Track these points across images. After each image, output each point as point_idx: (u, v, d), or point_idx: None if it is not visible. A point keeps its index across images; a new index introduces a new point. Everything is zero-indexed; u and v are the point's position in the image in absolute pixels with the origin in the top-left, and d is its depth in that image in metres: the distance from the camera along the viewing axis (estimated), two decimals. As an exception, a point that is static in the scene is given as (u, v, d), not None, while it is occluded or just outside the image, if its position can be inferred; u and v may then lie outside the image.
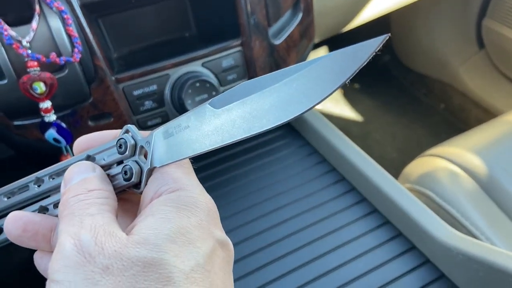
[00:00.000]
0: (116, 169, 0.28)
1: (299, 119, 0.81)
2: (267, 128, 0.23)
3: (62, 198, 0.26)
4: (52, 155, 0.61)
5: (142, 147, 0.27)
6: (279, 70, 0.23)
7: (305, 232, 0.66)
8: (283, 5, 0.68)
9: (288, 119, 0.22)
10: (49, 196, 0.31)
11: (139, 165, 0.27)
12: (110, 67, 0.59)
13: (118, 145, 0.28)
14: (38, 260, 0.29)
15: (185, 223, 0.23)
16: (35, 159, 0.71)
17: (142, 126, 0.64)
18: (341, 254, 0.62)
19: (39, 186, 0.31)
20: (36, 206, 0.31)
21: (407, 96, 1.57)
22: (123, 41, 0.68)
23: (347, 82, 0.21)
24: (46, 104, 0.52)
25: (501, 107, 1.33)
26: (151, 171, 0.27)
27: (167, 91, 0.63)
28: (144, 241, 0.22)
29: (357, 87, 1.60)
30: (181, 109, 0.62)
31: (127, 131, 0.28)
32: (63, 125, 0.55)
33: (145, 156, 0.27)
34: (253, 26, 0.65)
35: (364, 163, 0.70)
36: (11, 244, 0.30)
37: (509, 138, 0.77)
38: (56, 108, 0.54)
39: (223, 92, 0.29)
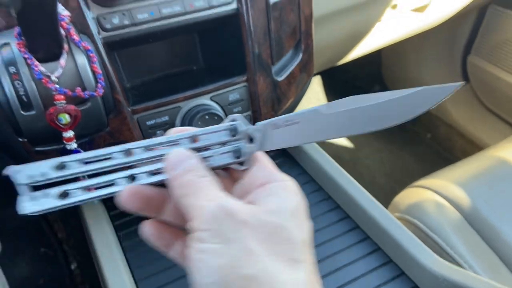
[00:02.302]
0: (215, 150, 0.33)
1: (297, 148, 0.86)
2: (356, 133, 0.31)
3: (181, 179, 0.30)
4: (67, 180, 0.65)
5: (248, 134, 0.33)
6: (377, 94, 0.31)
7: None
8: (286, 45, 0.73)
9: (381, 128, 0.30)
10: (129, 167, 0.34)
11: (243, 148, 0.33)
12: (126, 99, 0.63)
13: (231, 129, 0.33)
14: (147, 227, 0.34)
15: (301, 205, 0.29)
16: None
17: (153, 154, 0.68)
18: (335, 279, 0.67)
19: (127, 156, 0.34)
20: (127, 173, 0.34)
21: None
22: (136, 73, 0.73)
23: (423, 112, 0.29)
24: (69, 133, 0.57)
25: (485, 139, 1.40)
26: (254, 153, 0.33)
27: (177, 122, 0.68)
28: (273, 212, 0.28)
29: (348, 114, 1.66)
30: (190, 139, 0.67)
31: (234, 120, 0.33)
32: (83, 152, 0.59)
33: (250, 141, 0.33)
34: (258, 64, 0.70)
35: (358, 192, 0.75)
36: (11, 259, 0.34)
37: (491, 173, 0.83)
38: (76, 136, 0.59)
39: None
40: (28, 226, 1.13)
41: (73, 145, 0.58)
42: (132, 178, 0.34)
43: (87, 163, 0.34)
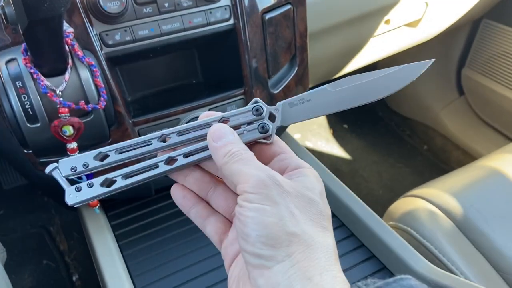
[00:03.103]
0: (244, 128, 0.37)
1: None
2: (357, 105, 0.38)
3: (225, 148, 0.34)
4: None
5: (270, 112, 0.38)
6: (373, 71, 0.38)
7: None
8: (282, 60, 0.76)
9: (377, 98, 0.38)
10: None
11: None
12: (127, 112, 0.66)
13: (255, 109, 0.37)
14: (175, 190, 0.39)
15: (323, 189, 0.35)
16: (52, 193, 0.76)
17: (153, 165, 0.70)
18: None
19: (164, 141, 0.37)
20: (165, 157, 0.36)
21: (393, 136, 1.66)
22: (137, 86, 0.75)
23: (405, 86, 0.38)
24: (73, 145, 0.59)
25: (480, 150, 1.42)
26: (278, 128, 0.38)
27: (177, 134, 0.70)
28: (308, 188, 0.33)
29: (346, 127, 1.69)
30: (189, 150, 0.69)
31: (256, 102, 0.38)
32: (86, 163, 0.61)
33: (270, 119, 0.37)
34: (255, 78, 0.73)
35: (353, 202, 0.77)
36: (13, 271, 0.36)
37: (483, 182, 0.85)
38: (79, 148, 0.61)
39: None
40: (31, 239, 1.15)
41: (76, 156, 0.60)
42: (170, 160, 0.36)
43: (125, 151, 0.37)
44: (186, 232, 0.76)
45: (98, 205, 0.70)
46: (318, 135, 1.65)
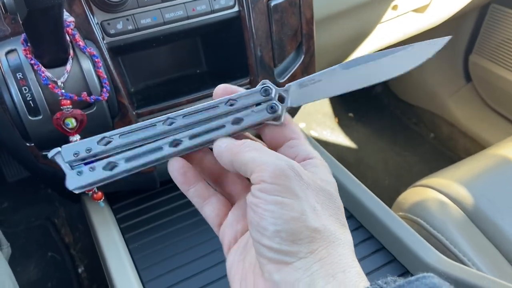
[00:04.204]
0: (252, 109, 0.36)
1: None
2: (373, 83, 0.36)
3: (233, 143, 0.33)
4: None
5: (280, 94, 0.36)
6: (384, 50, 0.37)
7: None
8: (288, 48, 0.74)
9: (390, 77, 0.36)
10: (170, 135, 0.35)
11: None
12: (131, 103, 0.64)
13: (264, 90, 0.35)
14: (174, 162, 0.35)
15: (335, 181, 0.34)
16: (55, 185, 0.75)
17: (158, 157, 0.69)
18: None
19: (170, 124, 0.35)
20: (169, 139, 0.35)
21: (399, 125, 1.64)
22: (140, 77, 0.74)
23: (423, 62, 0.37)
24: (76, 137, 0.58)
25: (488, 138, 1.41)
26: (289, 110, 0.37)
27: (181, 125, 0.68)
28: (325, 181, 0.32)
29: (352, 115, 1.67)
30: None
31: (264, 83, 0.36)
32: (89, 156, 0.60)
33: (279, 100, 0.36)
34: (260, 67, 0.71)
35: (362, 192, 0.76)
36: (19, 264, 0.35)
37: (494, 171, 0.83)
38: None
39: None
40: (35, 231, 1.14)
41: (80, 149, 0.59)
42: (175, 143, 0.35)
43: (129, 135, 0.35)
44: (193, 225, 0.74)
45: (103, 198, 0.69)
46: (323, 124, 1.63)
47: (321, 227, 0.29)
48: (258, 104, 0.36)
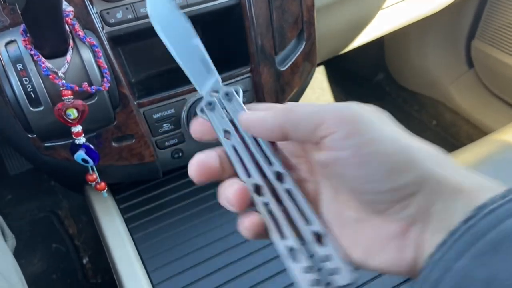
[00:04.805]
0: None
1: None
2: None
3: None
4: (76, 173, 0.67)
5: None
6: None
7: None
8: (289, 35, 0.74)
9: None
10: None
11: None
12: (132, 93, 0.64)
13: None
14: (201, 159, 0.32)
15: None
16: (58, 177, 0.75)
17: (160, 147, 0.69)
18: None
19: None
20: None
21: (400, 112, 1.64)
22: (140, 67, 0.73)
23: None
24: (77, 128, 0.58)
25: (490, 124, 1.40)
26: None
27: (183, 115, 0.68)
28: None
29: (353, 104, 1.66)
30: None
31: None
32: (92, 146, 0.60)
33: None
34: (261, 55, 0.71)
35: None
36: (23, 256, 0.34)
37: (497, 157, 0.83)
38: (84, 131, 0.59)
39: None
40: (39, 223, 1.15)
41: (82, 140, 0.59)
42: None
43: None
44: (196, 214, 0.75)
45: (106, 188, 0.69)
46: (324, 113, 1.62)
47: (409, 148, 0.27)
48: None
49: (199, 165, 0.31)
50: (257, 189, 0.31)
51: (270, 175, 0.31)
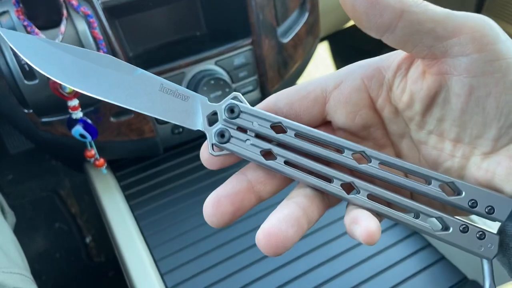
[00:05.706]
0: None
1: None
2: None
3: None
4: (74, 150, 0.65)
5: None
6: None
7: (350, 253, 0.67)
8: (291, 5, 0.71)
9: None
10: None
11: None
12: (130, 67, 0.62)
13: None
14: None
15: None
16: (57, 153, 0.74)
17: (160, 122, 0.68)
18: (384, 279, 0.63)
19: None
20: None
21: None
22: (138, 40, 0.71)
23: None
24: (74, 102, 0.56)
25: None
26: None
27: (183, 88, 0.66)
28: None
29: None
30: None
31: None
32: (89, 121, 0.59)
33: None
34: (263, 26, 0.69)
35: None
36: (27, 235, 0.32)
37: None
38: (81, 106, 0.58)
39: (235, 88, 0.29)
40: (41, 203, 1.15)
41: (79, 114, 0.58)
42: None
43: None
44: (197, 191, 0.74)
45: (105, 165, 0.68)
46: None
47: None
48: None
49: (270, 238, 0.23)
50: (349, 188, 0.23)
51: (350, 162, 0.23)
